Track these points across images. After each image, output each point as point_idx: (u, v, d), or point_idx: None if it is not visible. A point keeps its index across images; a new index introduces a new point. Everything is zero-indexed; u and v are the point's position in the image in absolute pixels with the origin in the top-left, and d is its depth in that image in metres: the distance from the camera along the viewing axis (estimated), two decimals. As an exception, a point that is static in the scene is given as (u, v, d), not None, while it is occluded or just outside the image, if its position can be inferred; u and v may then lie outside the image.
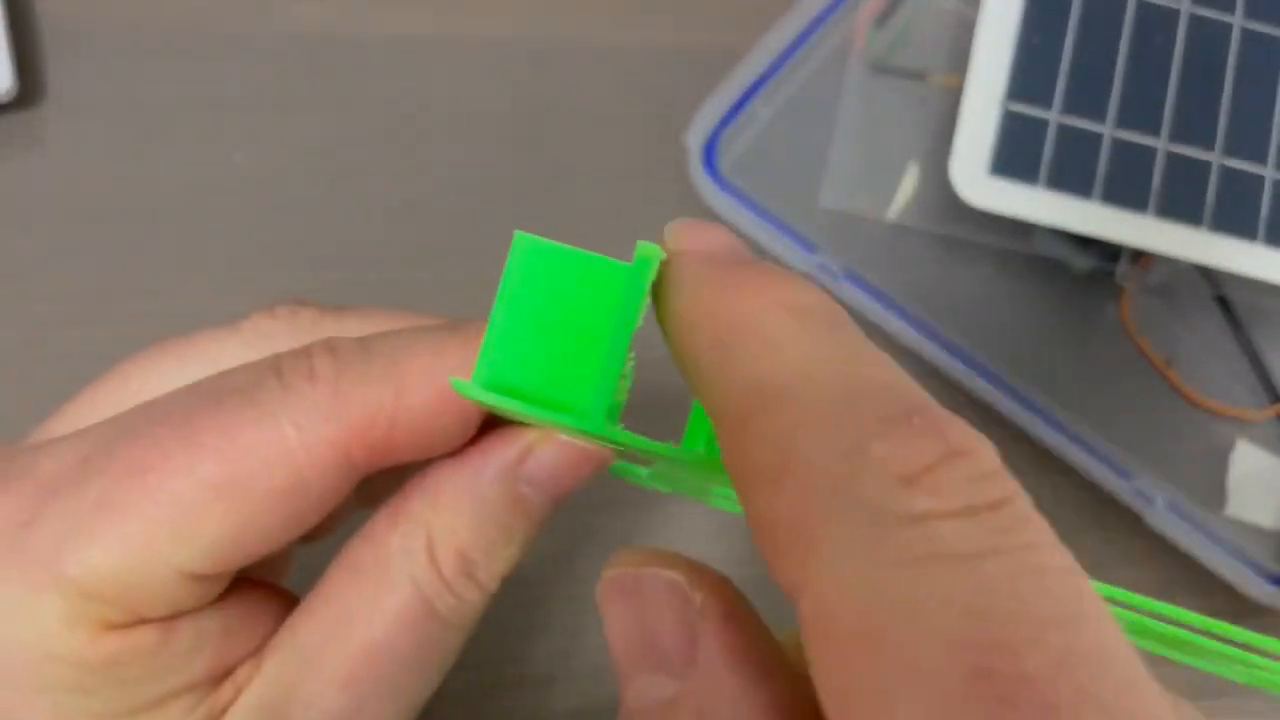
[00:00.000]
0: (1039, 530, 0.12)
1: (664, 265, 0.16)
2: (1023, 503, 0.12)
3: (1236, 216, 0.35)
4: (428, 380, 0.17)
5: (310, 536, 0.22)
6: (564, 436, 0.18)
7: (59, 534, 0.16)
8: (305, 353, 0.18)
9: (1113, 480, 0.35)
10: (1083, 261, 0.37)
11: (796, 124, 0.39)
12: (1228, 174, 0.35)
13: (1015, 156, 0.34)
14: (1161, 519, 0.35)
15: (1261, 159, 0.35)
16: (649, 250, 0.16)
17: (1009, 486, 0.12)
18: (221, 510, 0.17)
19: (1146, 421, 0.38)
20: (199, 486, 0.17)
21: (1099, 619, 0.11)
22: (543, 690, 0.31)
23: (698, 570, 0.15)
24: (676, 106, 0.39)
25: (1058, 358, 0.38)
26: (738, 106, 0.38)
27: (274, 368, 0.17)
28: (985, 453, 0.13)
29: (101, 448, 0.17)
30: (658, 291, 0.16)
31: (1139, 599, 0.17)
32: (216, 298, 0.34)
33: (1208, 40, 0.36)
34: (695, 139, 0.37)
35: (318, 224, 0.36)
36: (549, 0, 0.40)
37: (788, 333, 0.14)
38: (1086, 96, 0.35)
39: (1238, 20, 0.36)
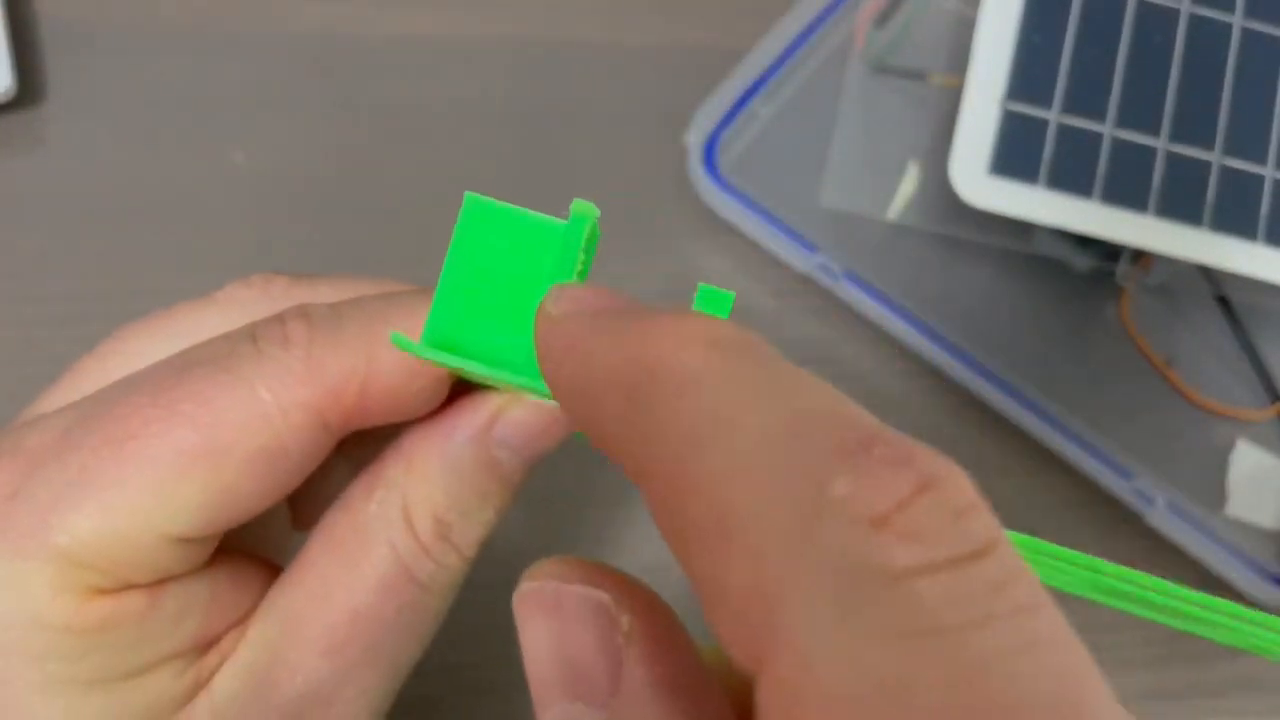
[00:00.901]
0: (1029, 586, 0.11)
1: (545, 335, 0.15)
2: (1006, 546, 0.11)
3: (1236, 216, 0.35)
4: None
5: (301, 522, 0.22)
6: (530, 398, 0.18)
7: (44, 504, 0.17)
8: (279, 319, 0.18)
9: (1113, 480, 0.35)
10: (1083, 261, 0.37)
11: (796, 124, 0.39)
12: (1228, 174, 0.35)
13: (1015, 156, 0.34)
14: (1162, 519, 0.35)
15: (1261, 159, 0.35)
16: (584, 208, 0.17)
17: (990, 524, 0.11)
18: (201, 474, 0.17)
19: (1146, 421, 0.38)
20: (178, 452, 0.17)
21: (1097, 699, 0.10)
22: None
23: (627, 589, 0.14)
24: (677, 106, 0.39)
25: (1057, 357, 0.38)
26: (738, 106, 0.38)
27: (249, 335, 0.18)
28: (959, 480, 0.11)
29: (82, 420, 0.18)
30: (545, 365, 0.15)
31: (1100, 563, 0.16)
32: (217, 297, 0.34)
33: (1208, 40, 0.36)
34: (695, 138, 0.37)
35: (318, 224, 0.36)
36: (550, 1, 0.40)
37: (709, 369, 0.12)
38: (1086, 96, 0.35)
39: (1237, 20, 0.36)
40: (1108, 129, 0.35)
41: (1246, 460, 0.38)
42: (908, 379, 0.37)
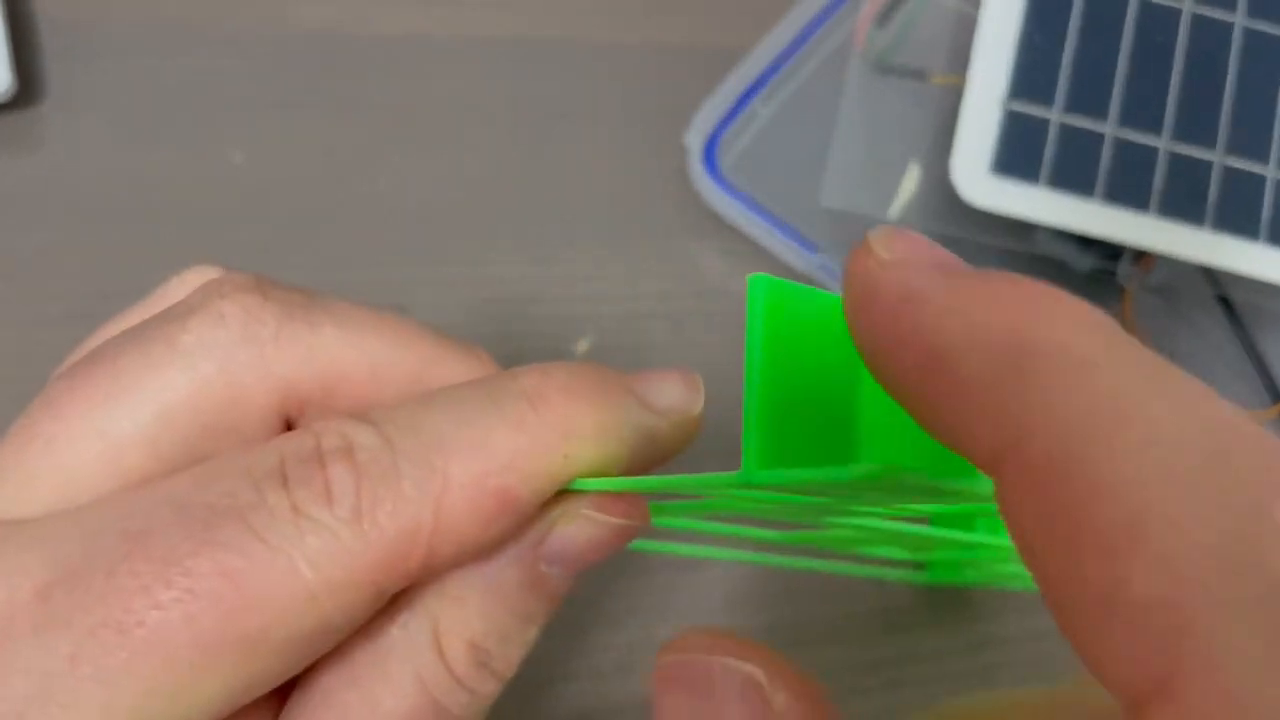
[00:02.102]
0: None
1: (874, 279, 0.13)
2: None
3: (1238, 216, 0.35)
4: (474, 486, 0.15)
5: None
6: (592, 512, 0.16)
7: (16, 707, 0.13)
8: (316, 459, 0.14)
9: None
10: (1084, 262, 0.37)
11: (797, 123, 0.39)
12: (1229, 174, 0.35)
13: (1016, 156, 0.34)
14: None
15: (1263, 158, 0.35)
16: None
17: None
18: (227, 666, 0.14)
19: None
20: (199, 646, 0.14)
21: None
22: (544, 693, 0.31)
23: (778, 666, 0.13)
24: (677, 106, 0.39)
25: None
26: (738, 106, 0.38)
27: (278, 477, 0.14)
28: None
29: (67, 580, 0.14)
30: (867, 314, 0.13)
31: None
32: (216, 298, 0.34)
33: (1209, 40, 0.36)
34: (696, 139, 0.37)
35: (318, 224, 0.36)
36: (550, 1, 0.40)
37: (1110, 354, 0.11)
38: (1088, 96, 0.35)
39: (1239, 19, 0.36)
40: (1109, 129, 0.35)
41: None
42: None
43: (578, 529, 0.16)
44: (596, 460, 0.16)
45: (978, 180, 0.34)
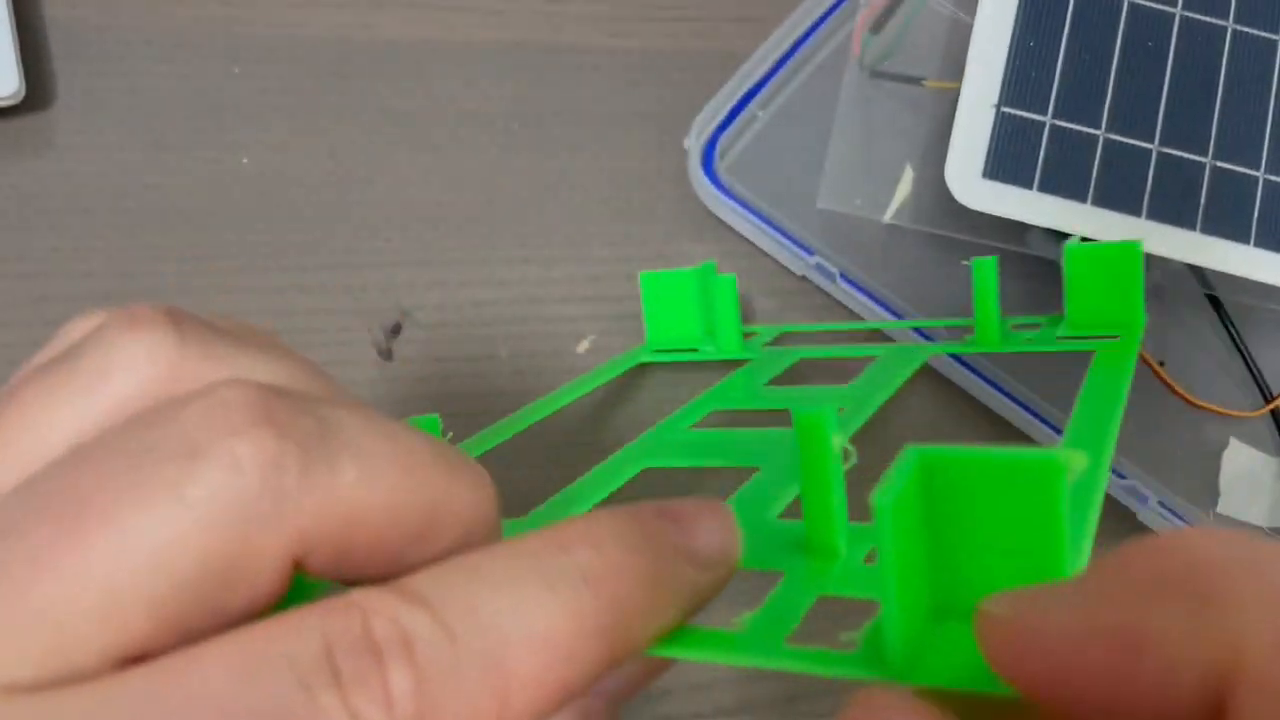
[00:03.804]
0: None
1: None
2: None
3: (1229, 218, 0.35)
4: (537, 682, 0.14)
5: None
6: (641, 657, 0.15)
7: None
8: (370, 652, 0.13)
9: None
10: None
11: (794, 128, 0.39)
12: (1220, 176, 0.35)
13: (1010, 159, 0.35)
14: (1154, 517, 0.36)
15: (1254, 162, 0.36)
16: (1060, 458, 0.13)
17: None
18: None
19: (1139, 420, 0.38)
20: None
21: None
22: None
23: None
24: (676, 110, 0.39)
25: (1053, 358, 0.38)
26: (736, 110, 0.38)
27: (327, 671, 0.13)
28: None
29: None
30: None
31: None
32: (226, 297, 0.34)
33: (1200, 44, 0.36)
34: (694, 142, 0.38)
35: (323, 226, 0.36)
36: (551, 6, 0.41)
37: (1255, 553, 0.12)
38: (1080, 100, 0.35)
39: (1230, 24, 0.36)
40: (1101, 132, 0.35)
41: (1238, 459, 0.38)
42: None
43: (626, 667, 0.16)
44: (655, 635, 0.16)
45: (972, 182, 0.34)
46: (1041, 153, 0.35)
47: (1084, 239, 0.30)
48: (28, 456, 0.14)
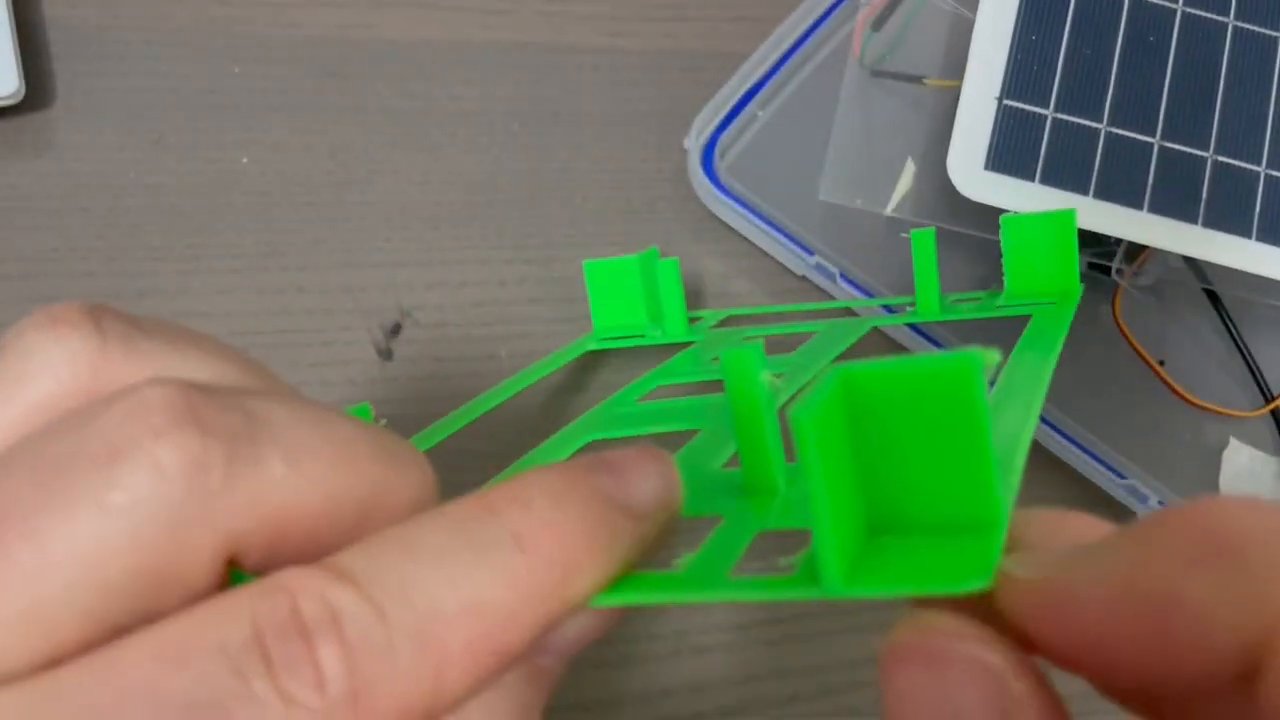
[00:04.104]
0: None
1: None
2: None
3: (1230, 213, 0.35)
4: (473, 651, 0.14)
5: None
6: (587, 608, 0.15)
7: None
8: (300, 633, 0.13)
9: (1106, 478, 0.36)
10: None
11: (794, 127, 0.39)
12: (1221, 170, 0.35)
13: (1012, 152, 0.35)
14: (1155, 516, 0.36)
15: (1255, 156, 0.36)
16: (974, 356, 0.13)
17: None
18: None
19: (1139, 420, 0.38)
20: None
21: None
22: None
23: (1017, 656, 0.13)
24: (676, 110, 0.39)
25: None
26: (736, 110, 0.38)
27: (258, 656, 0.13)
28: None
29: None
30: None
31: None
32: (225, 298, 0.34)
33: (1202, 39, 0.36)
34: (694, 142, 0.38)
35: (323, 226, 0.36)
36: (551, 6, 0.41)
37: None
38: (1082, 93, 0.35)
39: (1231, 19, 0.36)
40: (1103, 126, 0.35)
41: (1238, 458, 0.38)
42: None
43: (579, 622, 0.15)
44: (593, 589, 0.15)
45: (973, 175, 0.34)
46: (1043, 146, 0.35)
47: (1081, 230, 0.30)
48: None
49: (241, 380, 0.16)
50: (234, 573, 0.14)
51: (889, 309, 0.36)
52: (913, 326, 0.36)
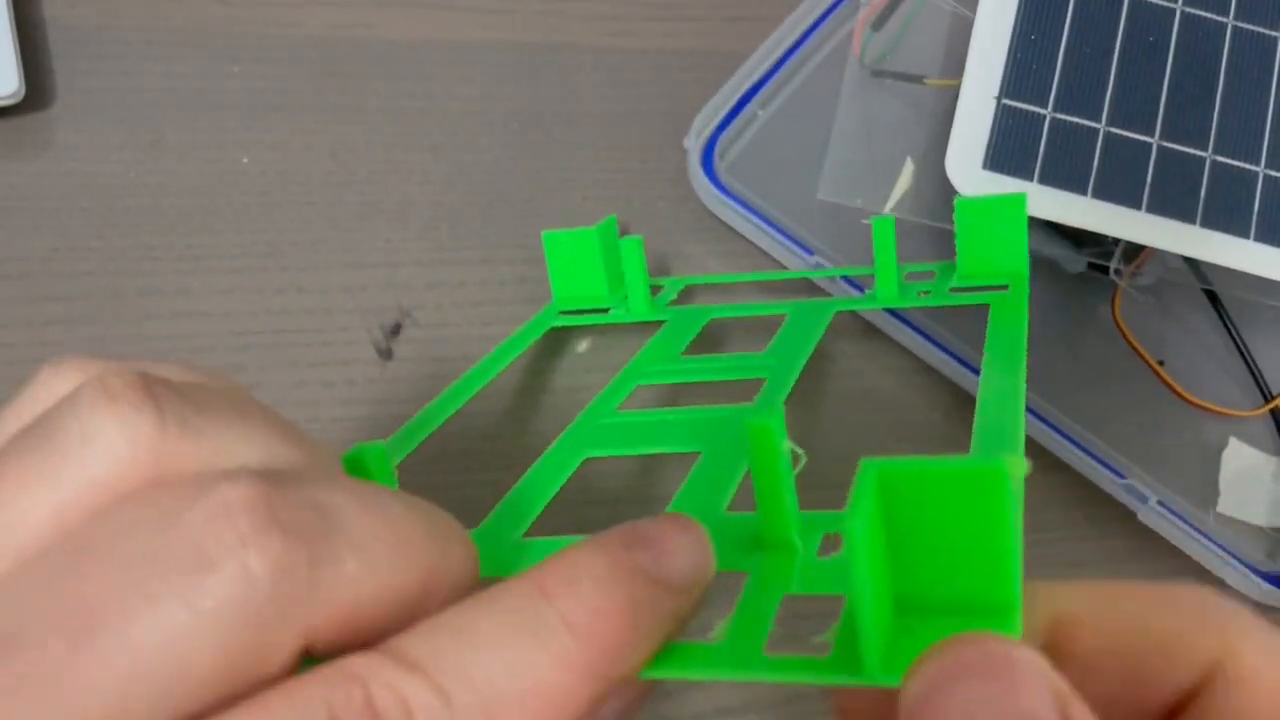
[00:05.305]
0: None
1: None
2: None
3: (1229, 213, 0.35)
4: None
5: None
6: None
7: None
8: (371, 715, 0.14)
9: (1106, 478, 0.36)
10: (1076, 261, 0.38)
11: (794, 127, 0.39)
12: (1220, 171, 0.35)
13: (1010, 151, 0.35)
14: (1154, 517, 0.36)
15: (1254, 156, 0.36)
16: (1002, 465, 0.14)
17: None
18: None
19: (1139, 420, 0.38)
20: None
21: None
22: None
23: (1051, 664, 0.14)
24: (676, 110, 0.39)
25: (1051, 356, 0.38)
26: (736, 110, 0.38)
27: None
28: None
29: None
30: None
31: None
32: (224, 298, 0.34)
33: (1201, 39, 0.36)
34: (694, 142, 0.38)
35: (323, 225, 0.36)
36: (551, 6, 0.41)
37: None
38: (1081, 93, 0.35)
39: (1230, 19, 0.36)
40: (1102, 125, 0.35)
41: (1238, 458, 0.38)
42: (902, 376, 0.38)
43: (618, 694, 0.16)
44: (640, 665, 0.16)
45: (972, 174, 0.34)
46: (1042, 145, 0.35)
47: (1080, 230, 0.31)
48: (7, 538, 0.14)
49: (292, 455, 0.17)
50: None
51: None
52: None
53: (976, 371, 0.36)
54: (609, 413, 0.29)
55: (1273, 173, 0.35)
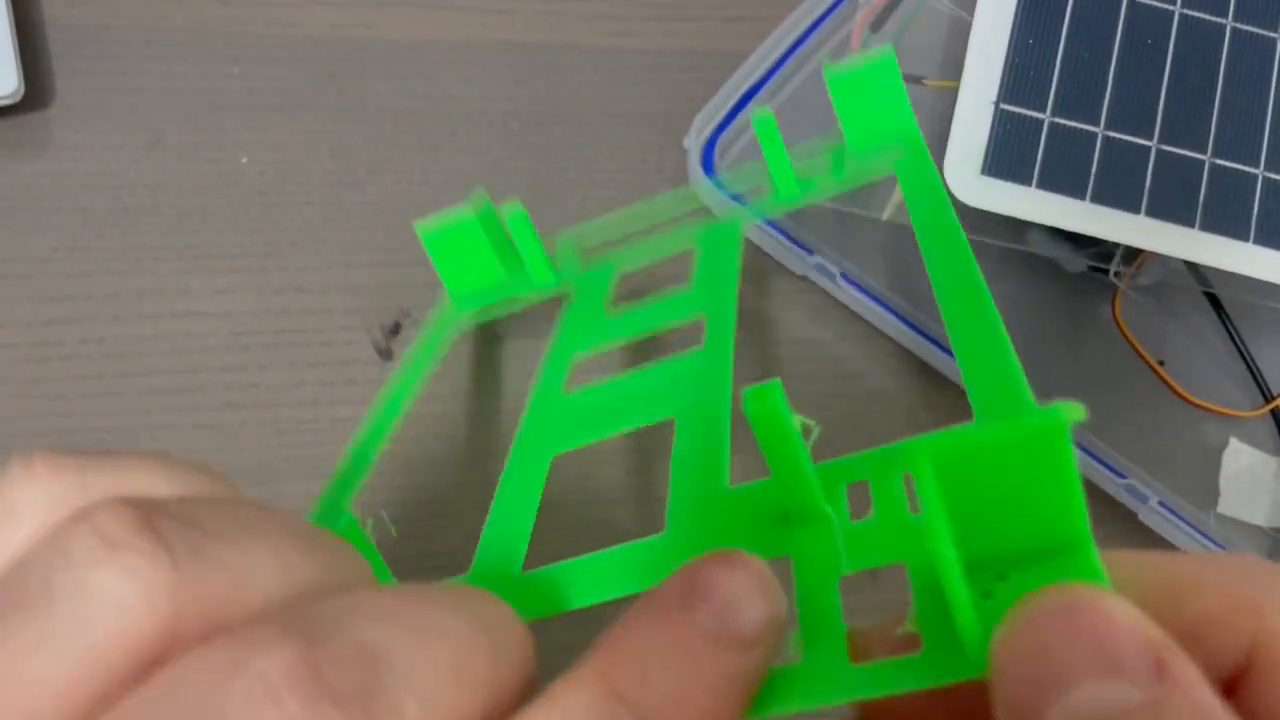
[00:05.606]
0: None
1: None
2: None
3: (1228, 216, 0.35)
4: None
5: None
6: None
7: None
8: None
9: (1106, 478, 0.36)
10: (1076, 262, 0.38)
11: (793, 127, 0.39)
12: (1219, 174, 0.35)
13: (1009, 156, 0.35)
14: (1155, 517, 0.36)
15: (1253, 159, 0.36)
16: (1060, 416, 0.14)
17: None
18: None
19: (1139, 420, 0.38)
20: None
21: None
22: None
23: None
24: (676, 110, 0.39)
25: (1051, 357, 0.38)
26: (735, 110, 0.38)
27: None
28: None
29: None
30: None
31: None
32: (223, 298, 0.34)
33: (1199, 41, 0.36)
34: (694, 141, 0.38)
35: (322, 226, 0.36)
36: (551, 6, 0.41)
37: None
38: (1079, 97, 0.35)
39: (1229, 21, 0.36)
40: (1100, 129, 0.35)
41: (1238, 459, 0.38)
42: (902, 377, 0.38)
43: None
44: None
45: (970, 179, 0.34)
46: (1040, 150, 0.35)
47: (1077, 237, 0.30)
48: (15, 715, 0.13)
49: (310, 568, 0.15)
50: None
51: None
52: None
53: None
54: (556, 396, 0.27)
55: (1272, 175, 0.35)
